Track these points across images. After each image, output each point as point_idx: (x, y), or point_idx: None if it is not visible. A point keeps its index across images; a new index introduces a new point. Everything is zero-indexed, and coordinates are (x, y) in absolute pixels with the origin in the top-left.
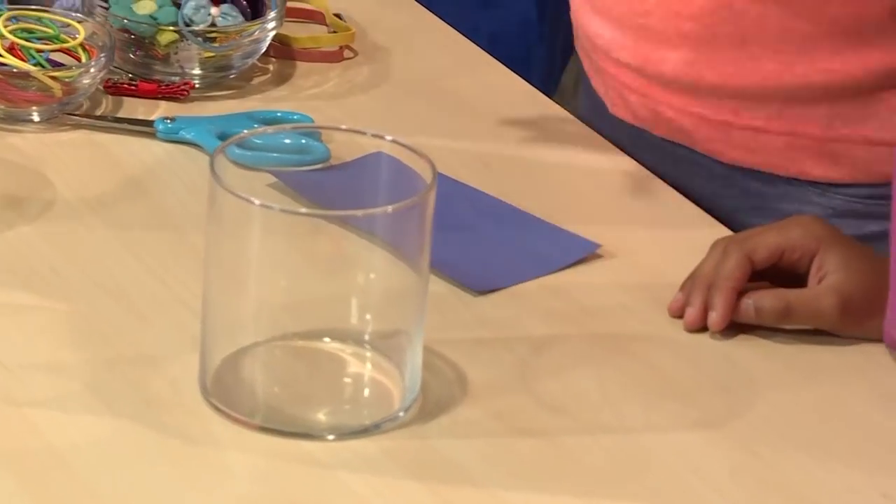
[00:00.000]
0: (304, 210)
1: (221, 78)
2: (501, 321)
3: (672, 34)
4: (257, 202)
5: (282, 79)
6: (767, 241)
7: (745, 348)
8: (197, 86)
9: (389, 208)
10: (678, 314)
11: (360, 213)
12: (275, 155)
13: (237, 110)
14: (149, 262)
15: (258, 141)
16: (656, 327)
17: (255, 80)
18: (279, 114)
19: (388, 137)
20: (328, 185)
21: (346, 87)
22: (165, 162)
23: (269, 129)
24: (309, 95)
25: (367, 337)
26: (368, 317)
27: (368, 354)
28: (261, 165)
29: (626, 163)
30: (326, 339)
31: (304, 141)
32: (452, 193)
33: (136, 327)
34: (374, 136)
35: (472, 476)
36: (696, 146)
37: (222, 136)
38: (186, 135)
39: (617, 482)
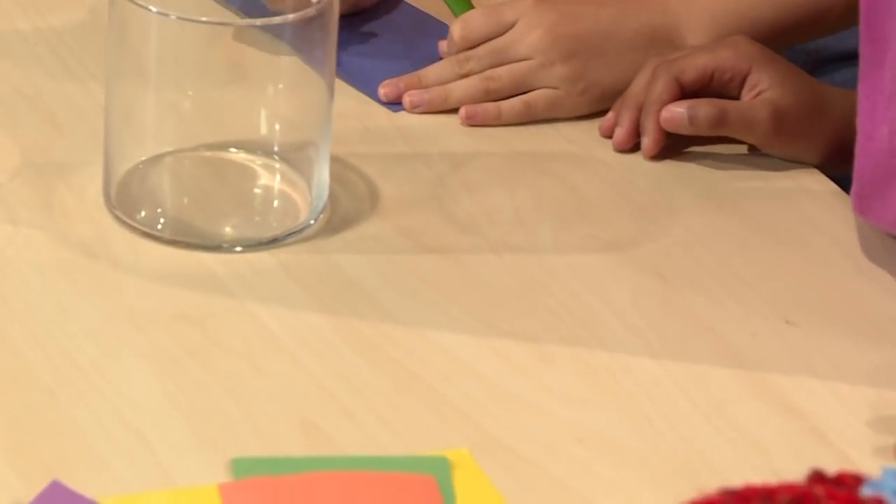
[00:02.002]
0: (203, 19)
1: None
2: (423, 136)
3: None
4: (154, 10)
5: None
6: (696, 62)
7: (672, 172)
8: None
9: (290, 17)
10: (608, 133)
11: (259, 21)
12: None
13: None
14: (76, 70)
15: None
16: (582, 147)
17: None
18: None
19: None
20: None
21: None
22: None
23: None
24: None
25: (276, 148)
26: (277, 127)
27: (277, 166)
28: None
29: None
30: (234, 150)
31: None
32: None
33: (49, 134)
34: None
35: (367, 292)
36: None
37: None
38: None
39: (515, 302)
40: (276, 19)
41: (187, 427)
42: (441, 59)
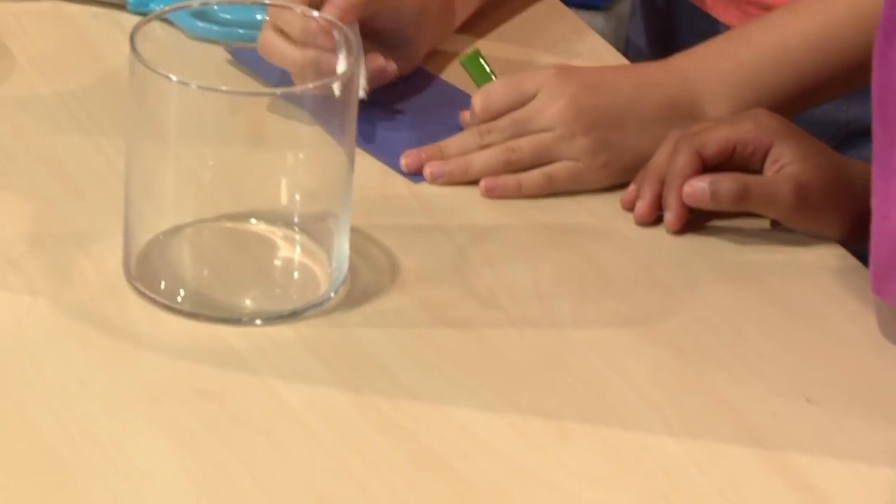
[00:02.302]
0: (224, 88)
1: None
2: (443, 207)
3: None
4: (174, 78)
5: None
6: (718, 135)
7: (693, 246)
8: None
9: (311, 86)
10: (630, 207)
11: (279, 91)
12: (241, 31)
13: None
14: (97, 139)
15: (226, 15)
16: (603, 220)
17: None
18: None
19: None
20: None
21: None
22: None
23: (224, 0)
24: None
25: (296, 219)
26: (298, 197)
27: (298, 237)
28: (221, 40)
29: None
30: (255, 221)
31: None
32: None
33: (70, 203)
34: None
35: (386, 367)
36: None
37: (200, 13)
38: (155, 7)
39: (534, 377)
40: (297, 89)
41: (205, 501)
42: (463, 129)
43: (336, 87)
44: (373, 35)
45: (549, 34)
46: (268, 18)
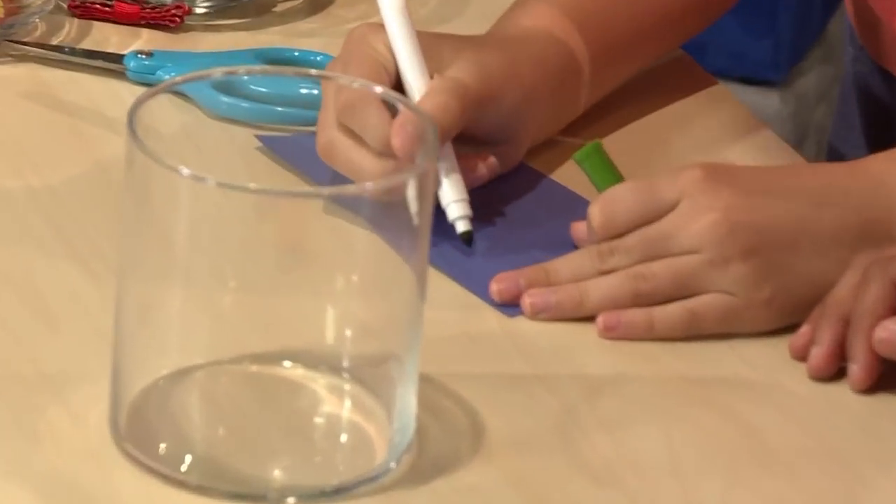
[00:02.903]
0: (252, 186)
1: (233, 0)
2: (547, 351)
3: None
4: (186, 172)
5: (316, 6)
6: None
7: (888, 411)
8: (198, 10)
9: (369, 186)
10: (801, 355)
11: (326, 191)
12: (279, 110)
13: (246, 45)
14: (81, 252)
15: (261, 89)
16: (764, 372)
17: (280, 7)
18: (297, 53)
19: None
20: None
21: None
22: None
23: (257, 69)
24: (347, 31)
25: (345, 363)
26: (348, 334)
27: (347, 387)
28: (252, 121)
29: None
30: (289, 364)
31: (317, 92)
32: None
33: (41, 337)
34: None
35: None
36: None
37: (224, 84)
38: (165, 76)
39: None
40: (351, 188)
41: None
42: (577, 247)
43: (407, 187)
44: (464, 136)
45: (699, 122)
46: (328, 108)
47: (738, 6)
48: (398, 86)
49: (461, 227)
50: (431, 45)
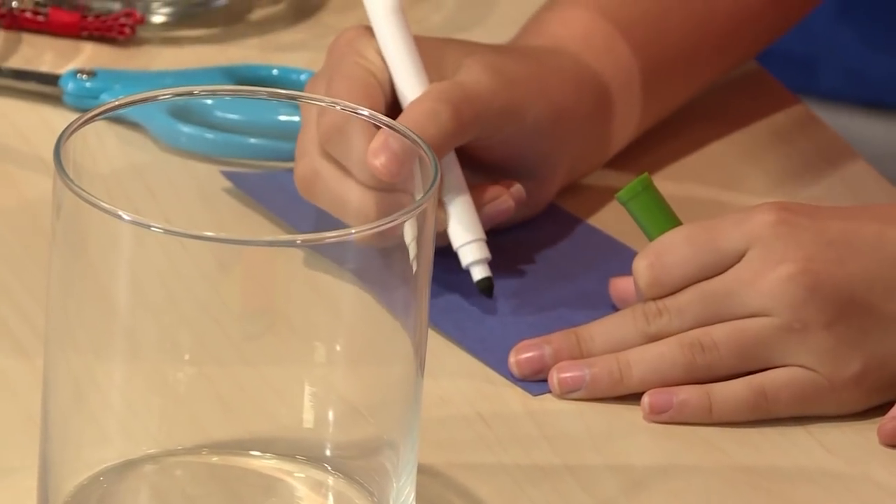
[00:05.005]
0: (209, 234)
1: (198, 6)
2: (579, 437)
3: None
4: (127, 217)
5: (300, 12)
6: None
7: None
8: (154, 20)
9: (353, 231)
10: (893, 440)
11: (302, 238)
12: (252, 141)
13: (214, 62)
14: (10, 324)
15: (229, 115)
16: (849, 462)
17: (256, 14)
18: (276, 71)
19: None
20: None
21: None
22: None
23: (223, 89)
24: None
25: (327, 451)
26: (331, 416)
27: (330, 481)
28: (217, 155)
29: None
30: (258, 454)
31: (298, 119)
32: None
33: None
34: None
35: None
36: None
37: (182, 110)
38: (109, 97)
39: None
40: (333, 235)
41: None
42: (617, 308)
43: (403, 230)
44: (480, 163)
45: (775, 151)
46: (308, 132)
47: (859, 14)
48: (394, 101)
49: (478, 273)
50: (433, 52)
